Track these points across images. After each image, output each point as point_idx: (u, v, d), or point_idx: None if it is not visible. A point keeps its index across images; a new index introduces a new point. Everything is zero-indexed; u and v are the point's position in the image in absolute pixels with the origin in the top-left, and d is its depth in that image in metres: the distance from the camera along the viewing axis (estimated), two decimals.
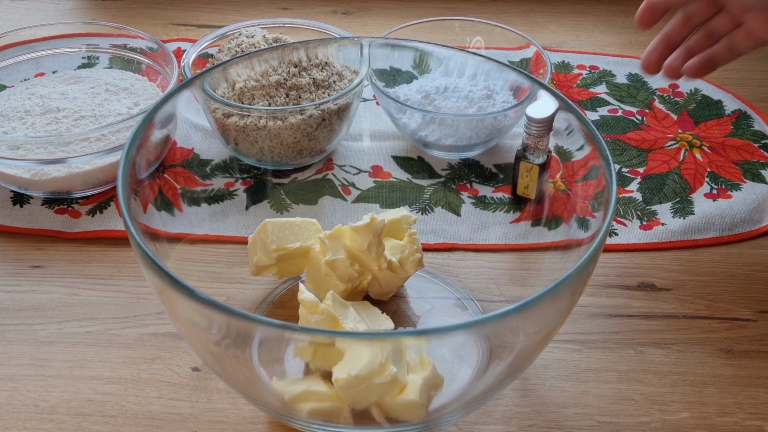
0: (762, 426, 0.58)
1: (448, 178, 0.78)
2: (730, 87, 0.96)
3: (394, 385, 0.52)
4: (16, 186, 0.78)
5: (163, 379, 0.61)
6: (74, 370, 0.62)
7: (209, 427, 0.58)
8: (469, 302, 0.67)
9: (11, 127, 0.81)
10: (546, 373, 0.62)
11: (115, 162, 0.77)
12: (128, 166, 0.54)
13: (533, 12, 1.12)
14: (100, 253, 0.73)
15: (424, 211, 0.76)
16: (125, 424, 0.58)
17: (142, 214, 0.57)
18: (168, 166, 0.68)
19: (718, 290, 0.70)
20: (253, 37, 0.84)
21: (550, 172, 0.72)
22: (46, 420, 0.58)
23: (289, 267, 0.65)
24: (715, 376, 0.62)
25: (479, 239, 0.73)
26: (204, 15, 1.10)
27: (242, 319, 0.46)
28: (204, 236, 0.69)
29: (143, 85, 0.88)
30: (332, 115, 0.78)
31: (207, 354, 0.54)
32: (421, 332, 0.54)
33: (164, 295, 0.50)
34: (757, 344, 0.65)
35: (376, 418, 0.53)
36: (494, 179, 0.78)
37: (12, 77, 0.90)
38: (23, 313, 0.67)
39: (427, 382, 0.53)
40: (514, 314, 0.46)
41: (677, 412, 0.59)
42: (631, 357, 0.64)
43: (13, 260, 0.72)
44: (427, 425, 0.54)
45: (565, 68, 0.99)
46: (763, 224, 0.76)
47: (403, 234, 0.66)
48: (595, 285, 0.70)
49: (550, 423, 0.58)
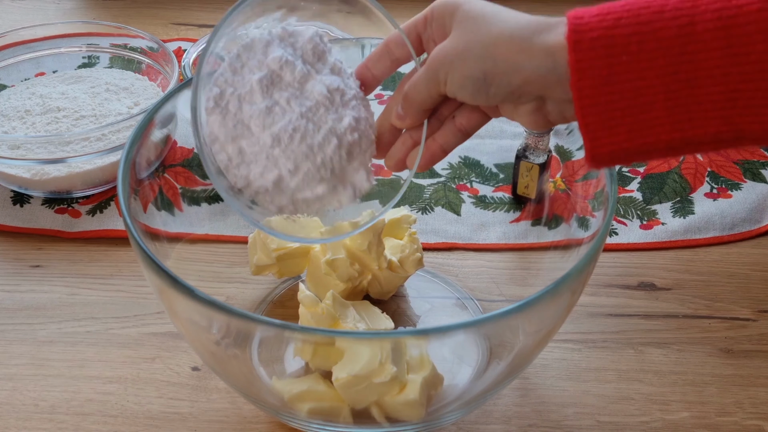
0: (762, 425, 0.58)
1: (448, 177, 0.78)
2: None
3: (394, 385, 0.52)
4: (16, 186, 0.78)
5: (163, 379, 0.61)
6: (74, 369, 0.62)
7: (209, 427, 0.58)
8: (469, 302, 0.67)
9: (11, 127, 0.81)
10: (546, 373, 0.62)
11: (116, 162, 0.77)
12: (128, 165, 0.54)
13: (534, 12, 1.12)
14: (100, 253, 0.73)
15: (424, 211, 0.76)
16: (125, 424, 0.58)
17: (142, 214, 0.57)
18: (168, 166, 0.68)
19: (718, 290, 0.70)
20: None
21: (550, 172, 0.72)
22: (46, 420, 0.58)
23: (289, 266, 0.65)
24: (715, 376, 0.62)
25: (479, 239, 0.73)
26: (204, 15, 1.10)
27: (242, 318, 0.46)
28: (204, 236, 0.69)
29: (143, 84, 0.88)
30: None
31: (207, 354, 0.54)
32: (421, 332, 0.54)
33: (164, 295, 0.50)
34: (757, 344, 0.65)
35: (376, 418, 0.53)
36: (494, 179, 0.78)
37: (12, 77, 0.90)
38: (23, 313, 0.67)
39: (427, 381, 0.53)
40: (514, 314, 0.46)
41: (677, 412, 0.59)
42: (631, 357, 0.64)
43: (13, 260, 0.72)
44: (427, 425, 0.54)
45: None
46: (763, 224, 0.76)
47: (403, 234, 0.66)
48: (595, 285, 0.70)
49: (550, 423, 0.58)
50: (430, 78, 0.50)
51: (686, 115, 0.43)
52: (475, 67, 0.47)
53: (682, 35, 0.42)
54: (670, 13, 0.42)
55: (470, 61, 0.47)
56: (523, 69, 0.46)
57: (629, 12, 0.43)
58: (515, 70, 0.46)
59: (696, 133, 0.44)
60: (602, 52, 0.43)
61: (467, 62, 0.48)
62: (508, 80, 0.47)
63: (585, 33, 0.44)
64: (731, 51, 0.41)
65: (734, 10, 0.41)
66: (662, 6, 0.43)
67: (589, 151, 0.46)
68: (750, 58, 0.41)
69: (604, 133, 0.45)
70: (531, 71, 0.46)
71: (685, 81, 0.42)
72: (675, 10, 0.42)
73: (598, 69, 0.43)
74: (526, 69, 0.46)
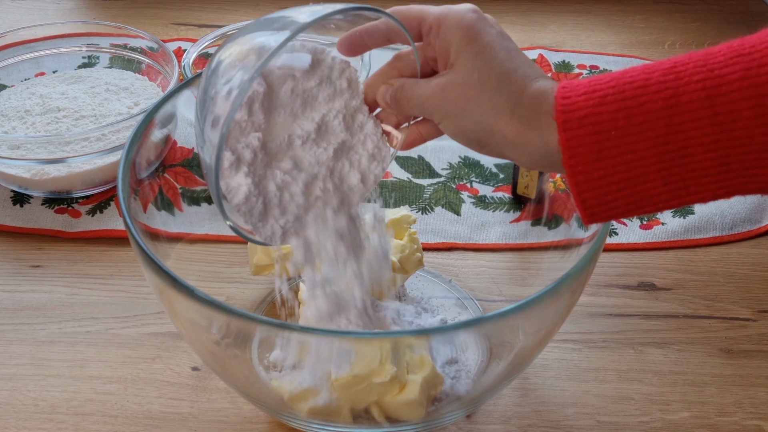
0: (762, 425, 0.58)
1: (448, 177, 0.78)
2: None
3: (394, 385, 0.52)
4: (16, 186, 0.78)
5: (163, 379, 0.61)
6: (74, 369, 0.62)
7: (209, 427, 0.58)
8: (469, 302, 0.67)
9: (11, 127, 0.81)
10: (546, 373, 0.62)
11: (116, 162, 0.77)
12: (128, 165, 0.54)
13: (533, 11, 1.12)
14: (100, 253, 0.73)
15: (424, 211, 0.76)
16: (125, 424, 0.58)
17: (142, 214, 0.57)
18: (168, 166, 0.68)
19: (718, 290, 0.70)
20: None
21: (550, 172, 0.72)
22: (46, 420, 0.58)
23: None
24: (715, 376, 0.62)
25: (479, 239, 0.73)
26: (204, 14, 1.10)
27: (242, 318, 0.46)
28: (204, 236, 0.69)
29: (143, 84, 0.88)
30: None
31: (207, 354, 0.54)
32: (421, 332, 0.54)
33: (164, 295, 0.50)
34: (757, 344, 0.65)
35: (375, 418, 0.53)
36: (494, 179, 0.78)
37: (12, 77, 0.90)
38: (23, 313, 0.67)
39: (427, 381, 0.53)
40: (514, 314, 0.46)
41: (677, 412, 0.59)
42: (631, 357, 0.64)
43: (13, 260, 0.72)
44: (427, 425, 0.54)
45: (566, 68, 0.99)
46: (763, 224, 0.76)
47: (403, 234, 0.66)
48: (595, 285, 0.70)
49: (550, 423, 0.58)
50: (425, 112, 0.51)
51: (681, 183, 0.44)
52: (472, 130, 0.48)
53: (668, 107, 0.43)
54: (654, 86, 0.43)
55: (468, 123, 0.48)
56: (518, 149, 0.47)
57: (614, 88, 0.44)
58: (511, 147, 0.48)
59: (693, 199, 0.45)
60: (591, 129, 0.44)
61: (465, 123, 0.48)
62: (500, 150, 0.48)
63: (573, 113, 0.45)
64: (718, 119, 0.42)
65: (717, 79, 0.42)
66: (646, 80, 0.44)
67: (587, 223, 0.47)
68: (737, 125, 0.42)
69: (602, 208, 0.46)
70: (527, 155, 0.47)
71: (676, 151, 0.43)
72: (659, 84, 0.43)
73: (588, 146, 0.44)
74: (520, 150, 0.47)
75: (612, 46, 1.05)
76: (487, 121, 0.47)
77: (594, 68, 0.99)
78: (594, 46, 1.04)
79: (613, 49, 1.04)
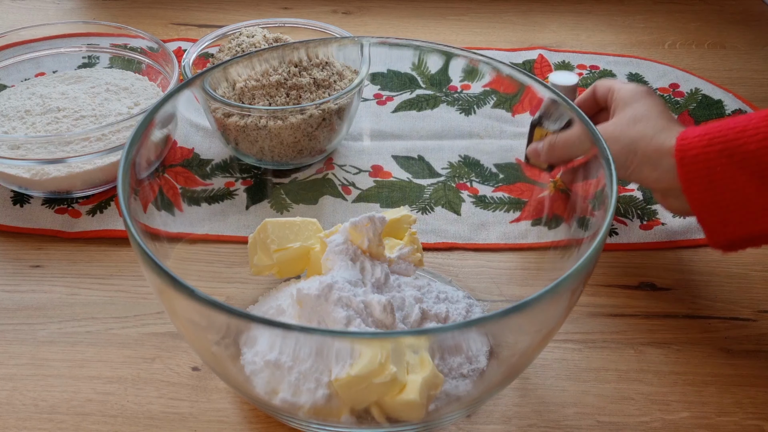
0: (762, 426, 0.58)
1: (448, 177, 0.78)
2: (731, 86, 0.96)
3: (394, 385, 0.52)
4: (16, 186, 0.78)
5: (163, 379, 0.61)
6: (74, 369, 0.62)
7: (209, 427, 0.58)
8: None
9: (11, 127, 0.81)
10: (546, 373, 0.62)
11: (116, 162, 0.77)
12: (128, 165, 0.54)
13: (533, 11, 1.12)
14: (100, 253, 0.73)
15: (424, 211, 0.76)
16: (125, 424, 0.58)
17: (142, 214, 0.57)
18: (168, 166, 0.68)
19: (718, 290, 0.70)
20: (254, 37, 0.84)
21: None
22: (46, 420, 0.58)
23: (289, 267, 0.65)
24: (715, 376, 0.62)
25: (479, 239, 0.73)
26: (204, 15, 1.10)
27: (242, 318, 0.46)
28: (204, 236, 0.69)
29: (143, 84, 0.88)
30: (332, 114, 0.78)
31: (207, 354, 0.54)
32: (421, 332, 0.54)
33: (164, 295, 0.50)
34: (757, 344, 0.65)
35: (376, 418, 0.53)
36: (494, 179, 0.78)
37: (12, 77, 0.90)
38: (23, 313, 0.67)
39: (427, 381, 0.53)
40: (514, 314, 0.46)
41: (677, 412, 0.59)
42: (631, 357, 0.64)
43: (13, 260, 0.72)
44: (427, 425, 0.54)
45: (566, 68, 0.99)
46: None
47: (403, 234, 0.66)
48: (595, 285, 0.70)
49: (550, 423, 0.58)
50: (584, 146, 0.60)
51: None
52: (620, 152, 0.64)
53: (762, 147, 0.56)
54: (751, 131, 0.57)
55: (617, 145, 0.64)
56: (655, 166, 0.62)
57: (719, 132, 0.58)
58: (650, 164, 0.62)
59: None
60: (701, 165, 0.58)
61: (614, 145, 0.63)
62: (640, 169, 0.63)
63: (687, 151, 0.59)
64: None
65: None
66: (744, 126, 0.57)
67: (710, 241, 0.61)
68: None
69: (718, 226, 0.59)
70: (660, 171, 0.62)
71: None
72: (754, 129, 0.57)
73: (700, 178, 0.58)
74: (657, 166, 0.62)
75: (612, 46, 1.05)
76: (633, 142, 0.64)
77: (594, 68, 0.99)
78: (594, 46, 1.04)
79: (613, 49, 1.04)
